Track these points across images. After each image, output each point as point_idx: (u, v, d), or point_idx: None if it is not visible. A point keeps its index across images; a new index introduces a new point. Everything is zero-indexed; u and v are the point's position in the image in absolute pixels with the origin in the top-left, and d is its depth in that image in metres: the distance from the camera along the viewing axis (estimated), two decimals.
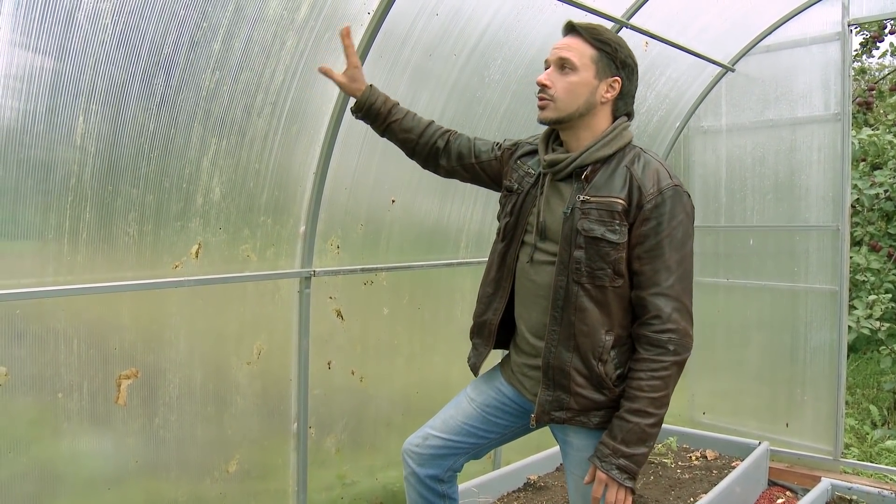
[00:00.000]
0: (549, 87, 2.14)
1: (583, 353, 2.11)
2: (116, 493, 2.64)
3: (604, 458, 2.05)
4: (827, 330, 4.66)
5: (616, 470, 2.03)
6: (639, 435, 2.03)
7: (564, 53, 2.13)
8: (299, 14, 2.76)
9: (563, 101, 2.14)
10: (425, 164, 2.57)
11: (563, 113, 2.15)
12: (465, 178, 2.56)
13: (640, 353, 2.07)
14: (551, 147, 2.28)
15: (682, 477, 4.35)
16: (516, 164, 2.39)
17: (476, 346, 2.42)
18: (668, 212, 2.06)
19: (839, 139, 4.55)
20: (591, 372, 2.11)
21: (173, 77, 2.52)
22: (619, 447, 2.03)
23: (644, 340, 2.07)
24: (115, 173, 2.48)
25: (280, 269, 3.08)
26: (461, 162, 2.52)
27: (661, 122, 4.98)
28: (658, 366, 2.04)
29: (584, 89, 2.14)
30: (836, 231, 4.59)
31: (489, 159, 2.49)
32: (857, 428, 5.84)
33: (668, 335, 2.04)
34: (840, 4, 4.47)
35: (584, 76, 2.13)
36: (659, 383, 2.04)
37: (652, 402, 2.03)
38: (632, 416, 2.04)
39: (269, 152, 2.92)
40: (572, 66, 2.13)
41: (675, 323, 2.04)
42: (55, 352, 2.45)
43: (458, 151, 2.51)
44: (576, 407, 2.13)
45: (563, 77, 2.14)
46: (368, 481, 3.58)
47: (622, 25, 3.87)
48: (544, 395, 2.17)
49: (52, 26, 2.18)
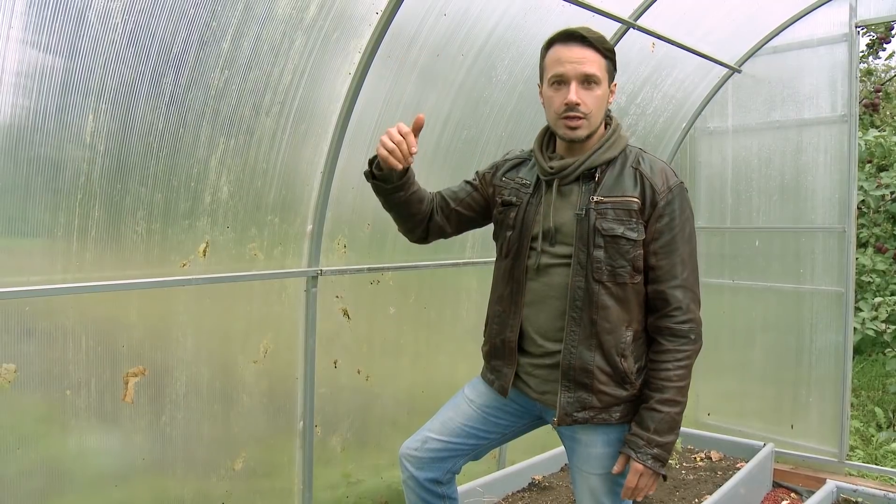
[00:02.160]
0: (580, 104, 2.12)
1: (606, 351, 2.14)
2: (123, 489, 2.66)
3: (639, 449, 2.10)
4: (832, 332, 4.66)
5: (651, 459, 2.09)
6: (669, 423, 2.11)
7: (589, 69, 2.12)
8: (308, 13, 2.77)
9: (594, 117, 2.16)
10: (420, 233, 2.45)
11: (594, 128, 2.18)
12: (454, 227, 2.48)
13: (664, 344, 2.14)
14: (547, 154, 2.29)
15: (687, 478, 4.35)
16: (503, 180, 2.38)
17: (497, 368, 2.36)
18: (678, 208, 2.16)
19: (846, 141, 4.55)
20: (615, 368, 2.15)
21: (182, 76, 2.53)
22: (653, 437, 2.09)
23: (667, 332, 2.14)
24: (123, 172, 2.49)
25: (287, 267, 3.09)
26: (446, 213, 2.43)
27: (668, 123, 4.98)
28: (682, 355, 2.13)
29: (604, 101, 2.18)
30: (842, 233, 4.58)
31: (468, 194, 2.45)
32: (863, 430, 5.83)
33: (689, 325, 2.14)
34: (847, 6, 4.47)
35: (604, 88, 2.16)
36: (684, 372, 2.13)
37: (679, 390, 2.12)
38: (662, 406, 2.10)
39: (276, 151, 2.93)
40: (597, 81, 2.13)
41: (692, 313, 2.15)
42: (63, 349, 2.46)
43: (441, 206, 2.43)
44: (598, 405, 2.16)
45: (590, 93, 2.13)
46: (373, 480, 3.59)
47: (629, 26, 3.87)
48: (565, 398, 2.18)
49: (62, 25, 2.19)
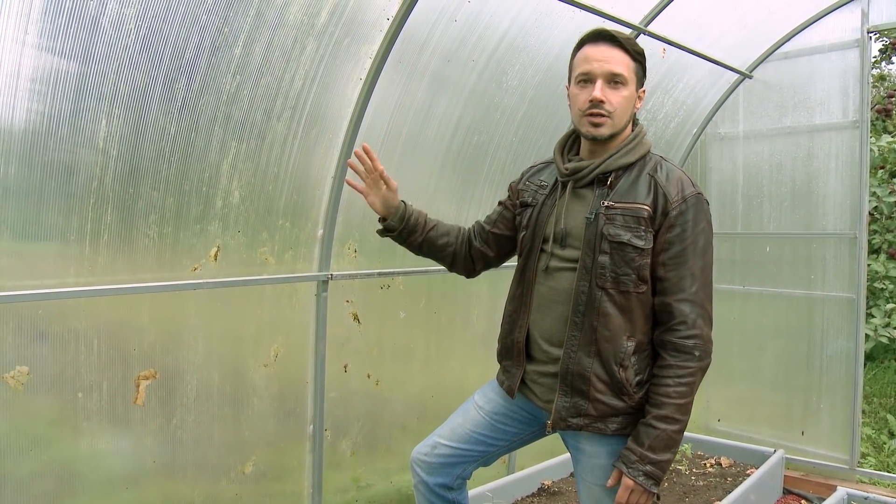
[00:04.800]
0: (605, 102, 2.12)
1: (604, 359, 2.11)
2: (134, 492, 2.67)
3: (631, 465, 2.06)
4: (844, 338, 4.64)
5: (643, 476, 2.04)
6: (665, 441, 2.04)
7: (616, 68, 2.12)
8: (319, 20, 2.79)
9: (619, 118, 2.15)
10: (465, 265, 2.55)
11: (618, 129, 2.16)
12: (495, 250, 2.52)
13: (666, 359, 2.09)
14: (567, 157, 2.29)
15: (697, 484, 4.33)
16: (525, 184, 2.42)
17: (507, 369, 2.38)
18: (691, 219, 2.09)
19: (857, 146, 4.53)
20: (612, 378, 2.11)
21: (195, 81, 2.55)
22: (647, 454, 2.04)
23: (670, 346, 2.08)
24: (136, 176, 2.51)
25: (298, 272, 3.10)
26: (483, 237, 2.51)
27: (679, 129, 4.97)
28: (684, 372, 2.06)
29: (630, 103, 2.17)
30: (854, 239, 4.56)
31: (499, 214, 2.50)
32: (874, 437, 5.80)
33: (693, 341, 2.06)
34: (860, 11, 4.46)
35: (631, 90, 2.16)
36: (685, 389, 2.05)
37: (678, 408, 2.05)
38: (659, 423, 2.04)
39: (287, 156, 2.94)
40: (623, 81, 2.13)
41: (699, 329, 2.07)
42: (76, 352, 2.48)
43: (479, 232, 2.52)
44: (594, 413, 2.13)
45: (616, 92, 2.13)
46: (383, 484, 3.59)
47: (640, 32, 3.87)
48: (561, 402, 2.16)
49: (77, 31, 2.21)
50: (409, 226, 2.42)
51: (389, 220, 2.42)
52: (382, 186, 2.39)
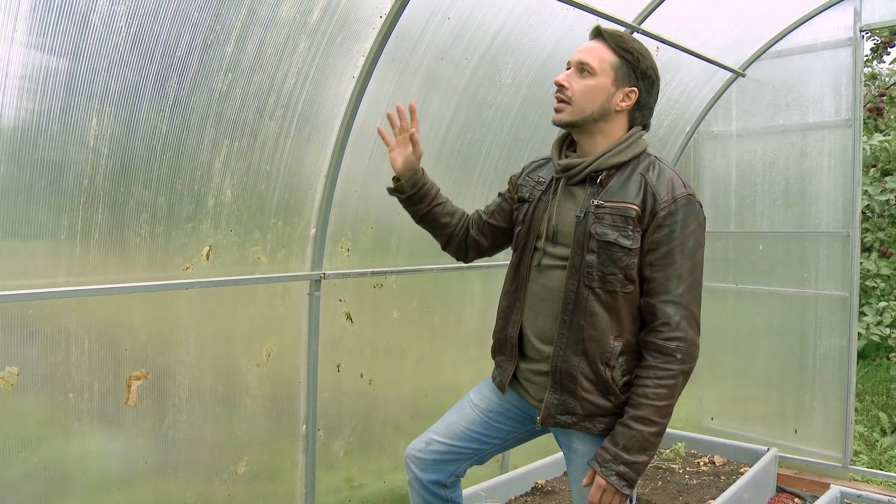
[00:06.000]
0: (566, 87, 2.14)
1: (591, 358, 2.10)
2: (126, 493, 2.65)
3: (604, 464, 2.04)
4: (836, 336, 4.65)
5: (615, 476, 2.02)
6: (641, 443, 2.02)
7: (585, 57, 2.14)
8: (312, 17, 2.77)
9: (578, 105, 2.14)
10: (458, 248, 2.55)
11: (578, 116, 2.15)
12: (489, 240, 2.53)
13: (648, 360, 2.07)
14: (565, 153, 2.29)
15: (690, 482, 4.33)
16: (525, 179, 2.41)
17: (500, 364, 2.38)
18: (680, 220, 2.06)
19: (850, 145, 4.54)
20: (598, 377, 2.10)
21: (186, 79, 2.53)
22: (621, 454, 2.02)
23: (652, 347, 2.06)
24: (127, 175, 2.49)
25: (290, 271, 3.08)
26: (480, 227, 2.51)
27: (672, 127, 4.97)
28: (665, 374, 2.03)
29: (599, 94, 2.14)
30: (847, 237, 4.58)
31: (497, 205, 2.50)
32: (867, 435, 5.82)
33: (675, 343, 2.03)
34: (852, 10, 4.47)
35: (601, 81, 2.14)
36: (664, 391, 2.03)
37: (657, 410, 2.02)
38: (635, 424, 2.02)
39: (280, 155, 2.93)
40: (591, 70, 2.13)
41: (683, 331, 2.04)
42: (66, 352, 2.46)
43: (476, 221, 2.52)
44: (581, 412, 2.13)
45: (581, 80, 2.14)
46: (376, 484, 3.58)
47: (633, 30, 3.86)
48: (551, 399, 2.16)
49: (67, 28, 2.19)
50: (420, 194, 2.41)
51: (403, 182, 2.40)
52: (409, 148, 2.36)
